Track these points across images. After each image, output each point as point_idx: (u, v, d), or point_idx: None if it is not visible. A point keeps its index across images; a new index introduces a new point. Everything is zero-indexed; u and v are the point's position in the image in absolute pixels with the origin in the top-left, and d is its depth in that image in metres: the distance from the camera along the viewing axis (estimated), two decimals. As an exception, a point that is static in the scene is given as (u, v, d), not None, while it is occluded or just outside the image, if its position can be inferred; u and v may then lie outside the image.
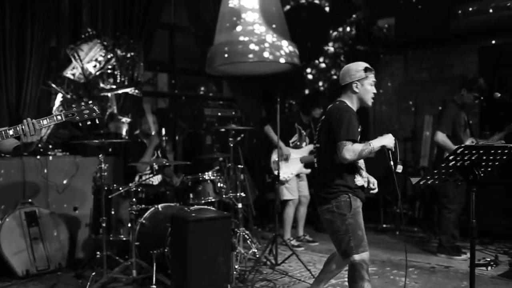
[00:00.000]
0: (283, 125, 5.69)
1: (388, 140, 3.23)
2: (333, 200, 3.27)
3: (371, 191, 3.50)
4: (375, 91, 3.41)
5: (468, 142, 5.17)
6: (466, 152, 2.73)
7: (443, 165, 2.80)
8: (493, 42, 7.00)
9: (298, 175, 5.96)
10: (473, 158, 2.78)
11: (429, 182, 2.90)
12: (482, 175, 2.86)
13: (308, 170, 6.00)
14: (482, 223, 5.71)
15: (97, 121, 3.02)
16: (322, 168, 3.42)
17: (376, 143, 3.19)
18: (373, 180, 3.49)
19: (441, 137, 5.15)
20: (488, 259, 4.99)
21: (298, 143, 5.98)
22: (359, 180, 3.34)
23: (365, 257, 3.27)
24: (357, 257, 3.23)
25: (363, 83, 3.37)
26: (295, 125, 5.96)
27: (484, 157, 2.83)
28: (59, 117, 2.92)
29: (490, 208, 5.99)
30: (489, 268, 4.84)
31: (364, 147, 3.15)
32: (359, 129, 3.27)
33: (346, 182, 3.28)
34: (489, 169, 2.93)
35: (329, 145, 3.31)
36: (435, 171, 2.85)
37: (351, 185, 3.29)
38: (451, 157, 2.75)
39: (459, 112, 5.28)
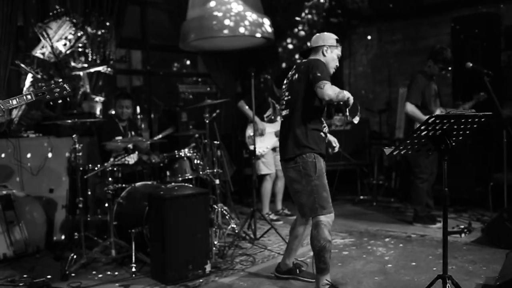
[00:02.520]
0: (257, 99, 5.67)
1: (352, 97, 3.30)
2: (299, 158, 3.35)
3: (334, 150, 3.67)
4: (337, 64, 3.59)
5: (438, 112, 5.23)
6: (438, 121, 2.75)
7: (415, 135, 2.82)
8: (465, 12, 7.04)
9: (274, 149, 5.97)
10: (445, 127, 2.81)
11: (402, 153, 2.93)
12: (453, 144, 2.90)
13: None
14: (456, 191, 5.89)
15: (68, 99, 2.97)
16: (291, 121, 3.44)
17: (347, 93, 3.25)
18: (333, 139, 3.67)
19: (411, 108, 5.21)
20: (462, 227, 5.11)
21: (273, 117, 5.97)
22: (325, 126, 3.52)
23: (330, 218, 3.34)
24: (322, 217, 3.30)
25: (332, 50, 3.55)
26: (269, 99, 5.94)
27: (455, 126, 2.86)
28: (28, 97, 2.86)
29: (464, 176, 6.10)
30: (463, 235, 4.96)
31: (341, 90, 3.23)
32: None
33: (313, 139, 3.37)
34: (461, 138, 2.97)
35: (302, 94, 3.38)
36: (408, 141, 2.88)
37: (318, 142, 3.39)
38: (422, 127, 2.77)
39: (428, 82, 5.34)
